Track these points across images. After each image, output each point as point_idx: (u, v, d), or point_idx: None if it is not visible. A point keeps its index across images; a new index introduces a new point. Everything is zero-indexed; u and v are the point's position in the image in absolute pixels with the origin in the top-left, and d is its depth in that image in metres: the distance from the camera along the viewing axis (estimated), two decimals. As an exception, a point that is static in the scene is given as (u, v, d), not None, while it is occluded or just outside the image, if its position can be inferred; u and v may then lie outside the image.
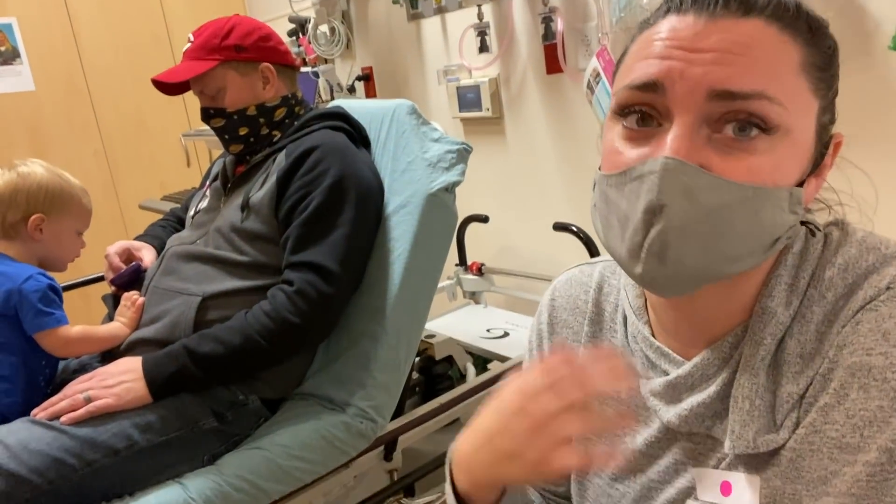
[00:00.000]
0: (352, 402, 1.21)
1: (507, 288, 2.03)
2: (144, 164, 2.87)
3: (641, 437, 0.59)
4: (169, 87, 1.33)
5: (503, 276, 2.03)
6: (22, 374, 1.14)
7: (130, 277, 1.33)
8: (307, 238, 1.19)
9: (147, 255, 1.39)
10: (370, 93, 2.47)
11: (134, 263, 1.35)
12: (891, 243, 0.50)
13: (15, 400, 1.12)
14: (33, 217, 1.21)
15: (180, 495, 1.03)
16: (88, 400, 1.05)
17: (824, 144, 0.51)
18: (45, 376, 1.20)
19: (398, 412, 1.36)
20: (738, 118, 0.45)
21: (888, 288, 0.47)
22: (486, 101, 1.99)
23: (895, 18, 1.07)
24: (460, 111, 2.09)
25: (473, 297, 2.11)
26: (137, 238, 1.48)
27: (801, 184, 0.49)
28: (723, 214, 0.45)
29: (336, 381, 1.24)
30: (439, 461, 1.43)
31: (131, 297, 1.25)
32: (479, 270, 2.04)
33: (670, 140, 0.46)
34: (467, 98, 2.05)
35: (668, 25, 0.48)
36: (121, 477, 1.03)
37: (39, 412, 1.05)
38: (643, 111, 0.48)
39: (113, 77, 2.76)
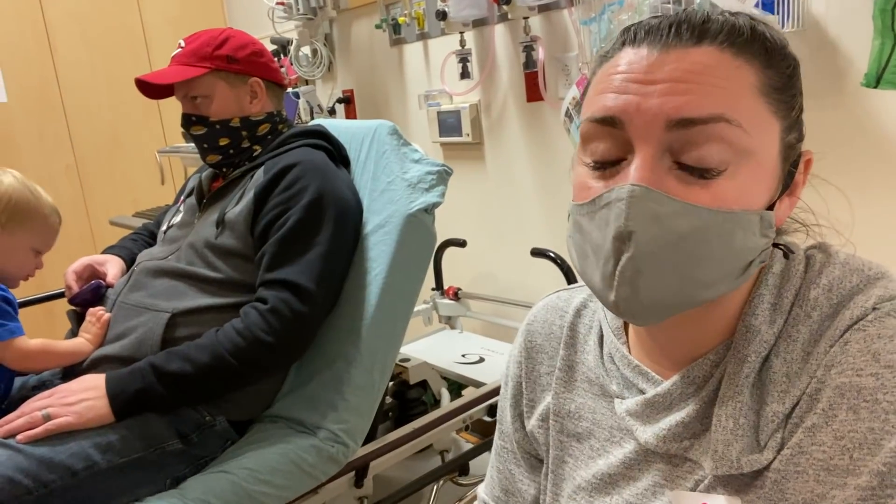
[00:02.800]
0: (323, 425, 1.18)
1: (483, 313, 2.02)
2: (117, 181, 2.81)
3: (617, 457, 0.58)
4: (151, 89, 1.31)
5: (480, 302, 2.02)
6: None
7: (90, 295, 1.29)
8: (283, 256, 1.17)
9: (112, 268, 1.35)
10: (350, 115, 2.47)
11: (94, 282, 1.30)
12: (874, 265, 0.51)
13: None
14: None
15: (139, 521, 0.99)
16: (47, 418, 1.01)
17: (793, 163, 0.51)
18: (0, 392, 1.15)
19: (370, 437, 1.33)
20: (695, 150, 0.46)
21: (875, 308, 0.47)
22: (466, 126, 2.00)
23: (866, 56, 1.10)
24: (440, 136, 2.10)
25: (449, 321, 2.09)
26: (106, 250, 1.44)
27: (771, 206, 0.49)
28: (692, 240, 0.45)
29: (307, 404, 1.21)
30: (411, 488, 1.40)
31: (97, 313, 1.21)
32: (456, 295, 2.03)
33: (633, 169, 0.47)
34: (448, 123, 2.06)
35: (625, 59, 0.49)
36: (79, 499, 0.98)
37: (-7, 430, 1.00)
38: (603, 161, 0.49)
39: (88, 91, 2.72)
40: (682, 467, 0.53)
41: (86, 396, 1.04)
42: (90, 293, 1.29)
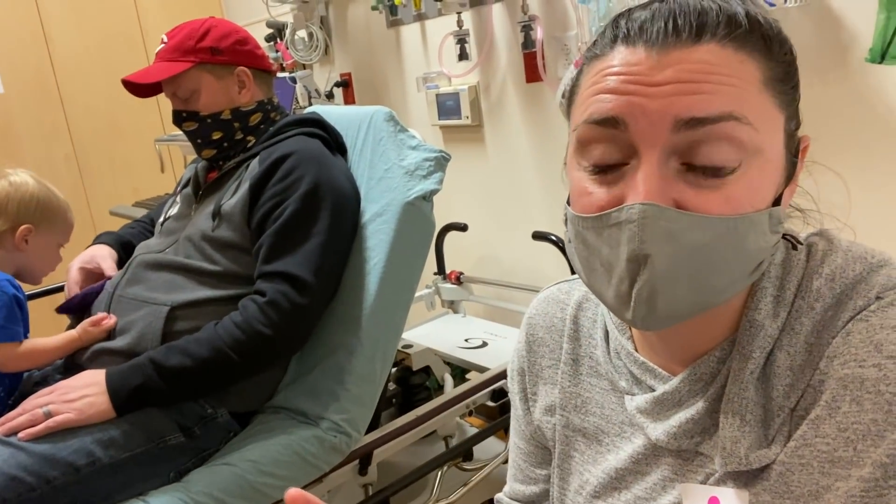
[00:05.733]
0: (325, 416, 1.18)
1: (485, 297, 2.02)
2: (117, 169, 2.80)
3: (626, 452, 0.57)
4: (140, 88, 1.29)
5: (482, 286, 2.01)
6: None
7: (80, 303, 1.29)
8: (281, 247, 1.16)
9: (103, 262, 1.35)
10: (349, 99, 2.44)
11: (81, 292, 1.30)
12: (876, 252, 0.49)
13: (-29, 415, 1.07)
14: (22, 227, 1.21)
15: (144, 516, 0.99)
16: (48, 415, 1.01)
17: (794, 152, 0.50)
18: (6, 388, 1.15)
19: (374, 425, 1.33)
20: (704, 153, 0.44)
21: (878, 297, 0.46)
22: (465, 108, 1.98)
23: (871, 31, 1.07)
24: (439, 119, 2.07)
25: (452, 306, 2.09)
26: (97, 238, 1.43)
27: (778, 199, 0.48)
28: (707, 251, 0.44)
29: (309, 394, 1.21)
30: (416, 474, 1.41)
31: (100, 319, 1.18)
32: (458, 279, 2.02)
33: (641, 181, 0.45)
34: (447, 106, 2.04)
35: (620, 59, 0.46)
36: (82, 495, 0.99)
37: (-5, 428, 1.00)
38: (603, 165, 0.47)
39: (85, 79, 2.70)
40: (693, 462, 0.53)
41: (86, 393, 1.04)
42: (81, 299, 1.29)
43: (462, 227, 1.95)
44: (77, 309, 1.28)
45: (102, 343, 1.17)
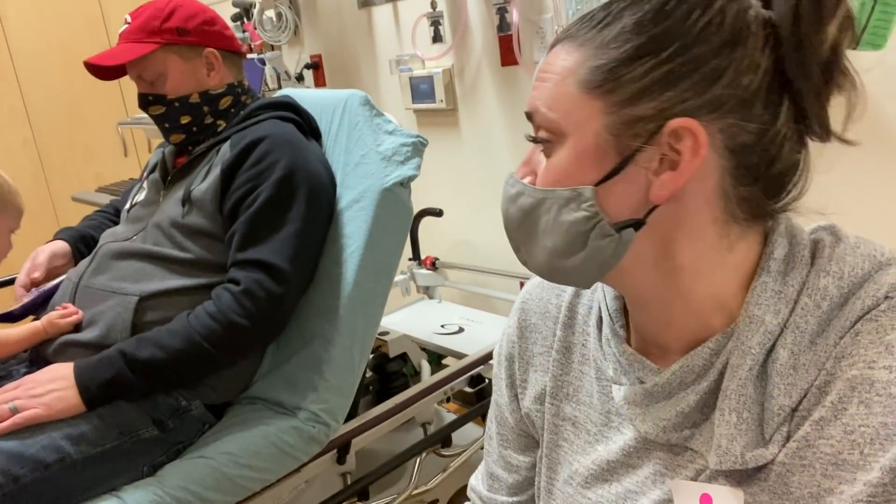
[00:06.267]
0: (303, 406, 1.16)
1: (461, 282, 2.01)
2: (78, 154, 2.71)
3: (616, 444, 0.57)
4: (103, 71, 1.24)
5: (458, 271, 2.00)
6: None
7: (31, 305, 1.25)
8: (255, 235, 1.13)
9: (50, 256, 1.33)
10: (319, 82, 2.40)
11: (29, 302, 1.26)
12: (885, 249, 0.49)
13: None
14: None
15: (117, 512, 0.97)
16: (15, 410, 0.97)
17: (647, 138, 0.47)
18: None
19: (352, 413, 1.32)
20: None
21: (887, 297, 0.45)
22: (439, 92, 1.95)
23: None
24: (413, 102, 2.04)
25: (427, 291, 2.08)
26: (57, 234, 1.39)
27: (603, 181, 0.49)
28: (531, 214, 0.52)
29: (286, 384, 1.19)
30: (394, 462, 1.40)
31: (67, 312, 1.14)
32: (433, 265, 2.01)
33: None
34: (420, 89, 2.01)
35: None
36: (53, 493, 0.96)
37: (-43, 426, 0.96)
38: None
39: (42, 60, 2.59)
40: (683, 456, 0.52)
41: (54, 387, 1.01)
42: (32, 302, 1.25)
43: (437, 213, 1.93)
44: (19, 317, 1.24)
45: (69, 335, 1.13)
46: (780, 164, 0.49)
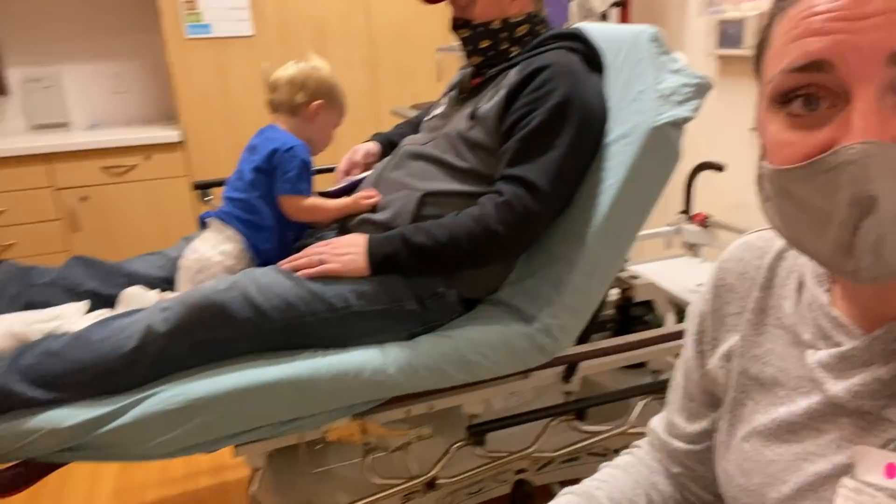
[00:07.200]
0: (538, 318, 1.26)
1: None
2: (403, 74, 3.12)
3: (801, 407, 0.55)
4: None
5: (729, 233, 1.88)
6: (276, 228, 1.39)
7: (346, 188, 1.50)
8: (523, 153, 1.23)
9: (365, 154, 1.61)
10: (623, 20, 2.36)
11: (345, 185, 1.52)
12: None
13: (272, 247, 1.39)
14: (317, 102, 1.44)
15: (378, 359, 1.18)
16: (321, 262, 1.24)
17: None
18: (294, 234, 1.44)
19: (584, 341, 1.38)
20: None
21: None
22: (749, 38, 1.80)
23: None
24: (718, 48, 1.92)
25: (692, 249, 2.00)
26: (372, 136, 1.68)
27: None
28: None
29: (528, 295, 1.30)
30: (618, 395, 1.44)
31: (369, 195, 1.39)
32: (704, 223, 1.92)
33: (856, 119, 0.41)
34: (728, 34, 1.87)
35: None
36: (336, 330, 1.21)
37: (284, 264, 1.26)
38: (808, 94, 0.43)
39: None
40: (875, 425, 0.50)
41: (351, 251, 1.26)
42: (341, 189, 1.52)
43: (718, 168, 1.83)
44: (335, 195, 1.52)
45: (367, 214, 1.38)
46: None
